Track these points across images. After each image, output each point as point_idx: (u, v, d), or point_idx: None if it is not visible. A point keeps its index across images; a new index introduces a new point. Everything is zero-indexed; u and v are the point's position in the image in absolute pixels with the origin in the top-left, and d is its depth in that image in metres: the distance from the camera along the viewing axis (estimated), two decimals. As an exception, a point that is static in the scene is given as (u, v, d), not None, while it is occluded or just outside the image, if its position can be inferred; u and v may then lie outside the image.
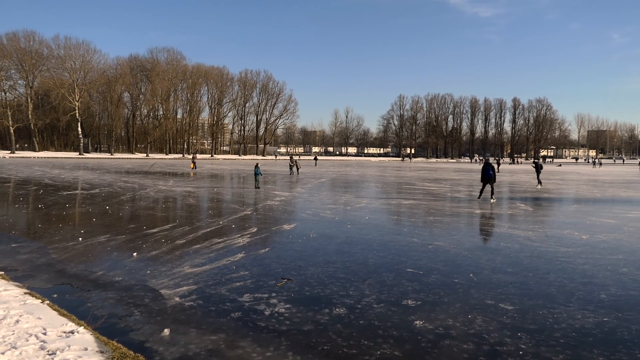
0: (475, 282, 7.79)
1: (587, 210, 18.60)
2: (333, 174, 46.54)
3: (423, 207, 18.66)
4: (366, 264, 8.91)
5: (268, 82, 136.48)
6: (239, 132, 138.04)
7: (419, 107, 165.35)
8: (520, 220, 15.59)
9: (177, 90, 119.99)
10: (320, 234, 12.11)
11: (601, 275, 8.30)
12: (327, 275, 8.06)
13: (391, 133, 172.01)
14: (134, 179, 33.48)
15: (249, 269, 8.37)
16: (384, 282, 7.72)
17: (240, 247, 10.32)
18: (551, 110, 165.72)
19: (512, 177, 46.52)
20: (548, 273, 8.38)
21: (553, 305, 6.65)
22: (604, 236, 12.21)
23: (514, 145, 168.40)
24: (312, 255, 9.66)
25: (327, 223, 14.00)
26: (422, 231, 12.90)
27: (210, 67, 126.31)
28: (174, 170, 47.70)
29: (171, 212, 16.35)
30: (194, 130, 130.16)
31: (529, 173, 56.19)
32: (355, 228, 13.11)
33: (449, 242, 11.15)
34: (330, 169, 58.10)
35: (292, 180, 34.35)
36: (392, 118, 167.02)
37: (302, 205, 18.69)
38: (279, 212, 16.36)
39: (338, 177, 40.27)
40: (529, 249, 10.45)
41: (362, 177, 40.79)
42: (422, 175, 45.06)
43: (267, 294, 7.02)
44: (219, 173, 45.12)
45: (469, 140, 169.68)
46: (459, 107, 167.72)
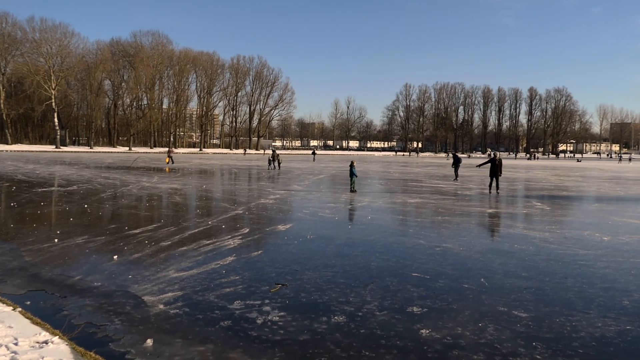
0: (486, 287, 7.80)
1: (609, 209, 18.62)
2: (333, 169, 46.55)
3: (430, 206, 18.67)
4: (368, 268, 8.91)
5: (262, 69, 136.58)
6: (230, 124, 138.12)
7: (426, 98, 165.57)
8: (536, 220, 15.60)
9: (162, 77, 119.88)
10: (318, 235, 12.11)
11: (624, 280, 8.31)
12: (326, 280, 8.06)
13: (396, 125, 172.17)
14: (115, 174, 33.44)
15: (240, 274, 8.37)
16: (388, 287, 7.73)
17: (231, 249, 10.32)
18: (571, 101, 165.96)
19: (528, 173, 46.57)
20: (566, 278, 8.39)
21: (571, 312, 6.66)
22: (627, 237, 12.23)
23: (530, 139, 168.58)
24: (309, 258, 9.66)
25: (326, 223, 14.00)
26: (429, 232, 12.91)
27: (199, 53, 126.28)
28: (159, 165, 47.68)
29: (155, 211, 16.31)
30: (181, 121, 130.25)
31: (546, 169, 56.25)
32: (357, 229, 13.12)
33: (459, 244, 11.16)
34: (330, 165, 58.12)
35: (274, 175, 34.32)
36: (398, 109, 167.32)
37: (298, 204, 18.68)
38: (274, 212, 16.36)
39: (338, 173, 40.25)
40: (545, 252, 10.46)
41: (365, 174, 40.79)
42: (430, 172, 45.08)
43: (260, 300, 7.02)
44: (208, 169, 45.08)
45: (481, 133, 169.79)
46: (471, 97, 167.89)
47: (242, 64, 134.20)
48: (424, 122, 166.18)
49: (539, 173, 46.80)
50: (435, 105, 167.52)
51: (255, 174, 37.13)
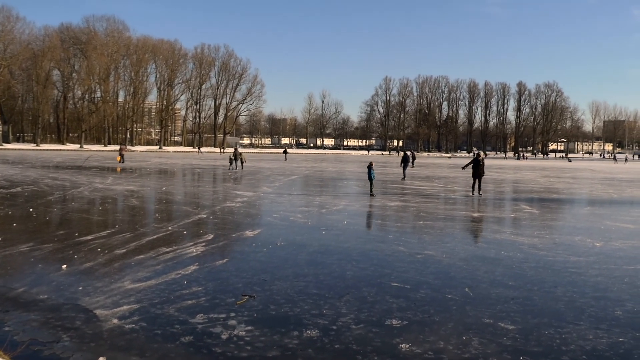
0: (471, 297, 7.89)
1: (601, 213, 19.01)
2: (306, 170, 46.57)
3: (412, 209, 18.82)
4: (343, 278, 8.94)
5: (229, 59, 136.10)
6: (194, 120, 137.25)
7: (408, 92, 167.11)
8: (524, 225, 15.84)
9: (118, 67, 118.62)
10: (290, 241, 12.10)
11: (616, 288, 8.49)
12: (297, 291, 8.06)
13: (375, 122, 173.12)
14: (65, 175, 32.95)
15: (203, 284, 8.32)
16: (364, 298, 7.76)
17: (193, 257, 10.25)
18: (562, 97, 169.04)
19: (516, 175, 47.27)
20: (556, 286, 8.54)
21: (561, 323, 6.78)
22: (620, 243, 12.50)
23: (519, 137, 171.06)
24: (279, 267, 9.64)
25: (298, 229, 14.00)
26: (409, 238, 13.00)
27: (159, 41, 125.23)
28: (114, 165, 47.11)
29: (110, 216, 16.12)
30: (139, 116, 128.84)
31: (535, 170, 57.17)
32: (331, 234, 13.15)
33: (442, 251, 11.26)
34: (303, 164, 58.12)
35: (231, 177, 34.25)
36: (377, 104, 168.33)
37: (268, 208, 18.64)
38: (241, 216, 16.30)
39: (312, 174, 40.28)
40: (534, 259, 10.63)
41: (341, 174, 40.93)
42: (411, 172, 45.40)
43: (225, 313, 6.99)
44: (169, 168, 44.72)
45: (467, 131, 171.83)
46: (455, 92, 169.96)
47: (206, 53, 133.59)
48: (405, 119, 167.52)
49: (527, 174, 47.54)
50: (418, 100, 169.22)
51: (221, 175, 36.95)
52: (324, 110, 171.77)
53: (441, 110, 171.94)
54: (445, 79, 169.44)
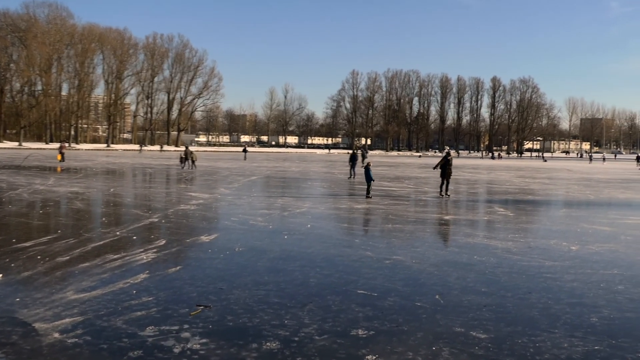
0: (442, 305, 7.98)
1: (578, 215, 19.44)
2: (267, 170, 46.47)
3: (380, 212, 18.94)
4: (306, 285, 8.95)
5: (184, 50, 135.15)
6: (145, 115, 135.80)
7: (376, 87, 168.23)
8: (498, 228, 16.10)
9: (61, 58, 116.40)
10: (249, 247, 12.07)
11: (592, 294, 8.69)
12: (257, 300, 8.04)
13: (342, 119, 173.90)
14: (1, 175, 32.23)
15: (154, 294, 8.23)
16: (329, 307, 7.78)
17: (144, 265, 10.14)
18: (538, 94, 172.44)
19: (490, 175, 47.99)
20: (530, 293, 8.69)
21: (535, 331, 6.90)
22: (597, 247, 12.80)
23: (493, 135, 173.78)
24: (237, 274, 9.61)
25: (258, 233, 13.96)
26: (377, 242, 13.08)
27: (106, 29, 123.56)
28: (56, 164, 46.26)
29: (51, 220, 15.86)
30: (84, 111, 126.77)
31: (510, 170, 58.13)
32: (294, 239, 13.15)
33: (411, 256, 11.36)
34: (264, 164, 57.98)
35: (185, 177, 34.05)
36: (343, 100, 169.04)
37: (225, 211, 18.54)
38: (196, 219, 16.20)
39: (274, 174, 40.21)
40: (507, 264, 10.80)
41: (305, 174, 40.96)
42: (380, 172, 45.71)
43: (178, 325, 6.93)
44: (118, 168, 44.12)
45: (439, 128, 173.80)
46: (427, 87, 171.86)
47: (159, 43, 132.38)
48: (373, 115, 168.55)
49: (502, 174, 48.32)
50: (387, 95, 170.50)
51: (175, 175, 36.62)
52: (287, 105, 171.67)
53: (412, 106, 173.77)
54: (416, 73, 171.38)
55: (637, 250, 12.65)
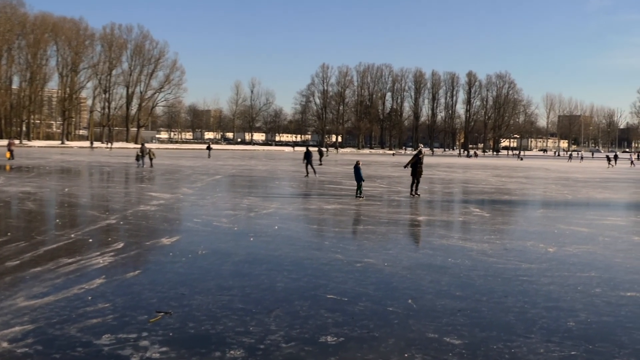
0: (414, 310, 8.02)
1: (555, 216, 19.74)
2: (232, 168, 46.30)
3: (351, 213, 19.00)
4: (273, 290, 8.93)
5: (144, 41, 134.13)
6: (102, 111, 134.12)
7: (348, 81, 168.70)
8: (473, 229, 16.26)
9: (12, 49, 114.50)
10: (213, 250, 12.01)
11: (569, 297, 8.82)
12: (220, 306, 8.00)
13: (311, 115, 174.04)
14: (-53, 174, 31.60)
15: (110, 300, 8.14)
16: (297, 313, 7.77)
17: (100, 269, 10.02)
18: (514, 89, 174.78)
19: (466, 174, 48.45)
20: (506, 296, 8.79)
21: (510, 337, 6.98)
22: (574, 248, 13.00)
23: (469, 132, 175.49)
24: (200, 279, 9.55)
25: (223, 235, 13.91)
26: (348, 245, 13.12)
27: (60, 19, 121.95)
28: (4, 162, 45.51)
29: (1, 222, 15.65)
30: (37, 106, 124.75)
31: (487, 169, 58.77)
32: (260, 241, 13.12)
33: (383, 259, 11.41)
34: (229, 162, 57.75)
35: (145, 176, 33.83)
36: (313, 95, 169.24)
37: (188, 212, 18.44)
38: (156, 221, 16.08)
39: (239, 173, 40.09)
40: (483, 266, 10.91)
41: (272, 173, 40.90)
42: (351, 171, 45.74)
43: (136, 333, 6.86)
44: (73, 167, 43.56)
45: (413, 125, 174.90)
46: (400, 82, 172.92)
47: (117, 34, 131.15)
48: (344, 111, 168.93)
49: (478, 173, 48.84)
50: (358, 91, 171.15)
51: (134, 174, 36.27)
52: (254, 100, 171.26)
53: (384, 102, 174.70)
54: (388, 67, 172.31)
55: (615, 251, 12.86)
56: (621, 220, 19.23)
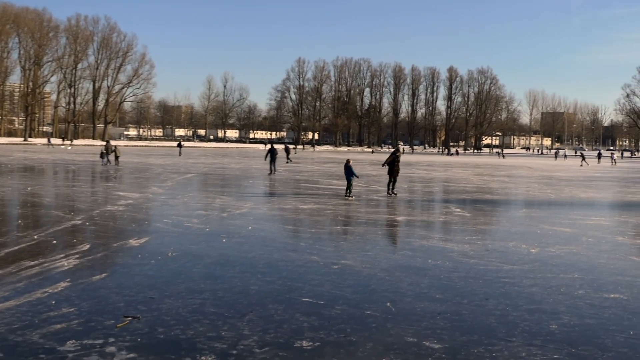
0: (393, 313, 8.06)
1: (538, 215, 19.93)
2: (204, 166, 46.11)
3: (328, 213, 19.02)
4: (246, 293, 8.92)
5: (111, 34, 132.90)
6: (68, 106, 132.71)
7: (324, 76, 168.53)
8: (454, 229, 16.36)
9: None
10: (183, 251, 11.96)
11: (552, 300, 8.92)
12: (191, 310, 7.97)
13: (287, 111, 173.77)
14: None
15: (75, 304, 8.07)
16: (271, 317, 7.77)
17: (64, 272, 9.94)
18: (497, 85, 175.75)
19: (446, 172, 48.74)
20: (487, 299, 8.86)
21: (491, 340, 7.04)
22: (557, 249, 13.14)
23: (450, 129, 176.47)
24: (169, 282, 9.51)
25: (194, 236, 13.87)
26: (325, 246, 13.13)
27: (23, 9, 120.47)
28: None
29: (-41, 223, 15.42)
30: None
31: (468, 167, 59.17)
32: (233, 243, 13.10)
33: (361, 261, 11.45)
34: (201, 160, 57.51)
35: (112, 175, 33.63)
36: (289, 90, 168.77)
37: (158, 212, 18.35)
38: (124, 222, 15.97)
39: (212, 172, 39.94)
40: (464, 268, 10.99)
41: (246, 172, 40.80)
42: (328, 170, 45.95)
43: (102, 339, 6.80)
44: (36, 165, 43.11)
45: (392, 122, 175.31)
46: (379, 77, 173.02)
47: (82, 26, 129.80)
48: (321, 108, 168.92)
49: (459, 172, 49.14)
50: (336, 86, 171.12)
51: (101, 173, 35.97)
52: (227, 96, 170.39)
53: (362, 98, 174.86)
54: (367, 62, 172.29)
55: (599, 252, 13.03)
56: (605, 220, 19.48)
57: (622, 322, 7.89)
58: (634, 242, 15.13)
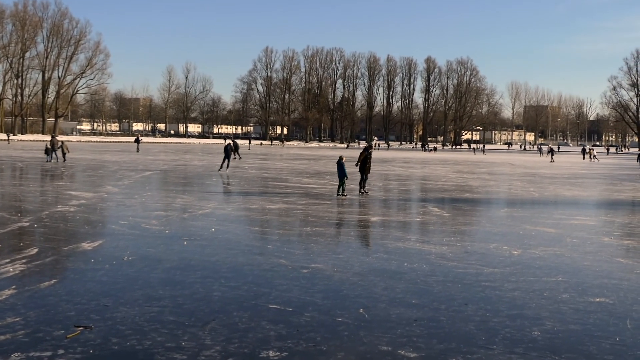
0: (366, 320, 8.07)
1: (520, 215, 20.11)
2: (164, 164, 45.85)
3: (298, 213, 19.01)
4: (209, 300, 8.88)
5: (62, 20, 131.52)
6: (14, 99, 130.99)
7: (294, 67, 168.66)
8: (432, 230, 16.47)
9: None
10: (141, 255, 11.88)
11: (535, 304, 9.00)
12: (149, 319, 7.90)
13: (254, 104, 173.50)
14: None
15: (22, 314, 7.97)
16: (235, 325, 7.74)
17: (10, 278, 9.81)
18: (477, 77, 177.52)
19: (424, 170, 49.01)
20: (466, 304, 8.92)
21: (471, 348, 7.08)
22: (540, 251, 13.27)
23: (428, 124, 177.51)
24: (125, 288, 9.44)
25: (152, 239, 13.79)
26: (294, 248, 13.13)
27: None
28: None
29: None
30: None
31: (446, 164, 59.57)
32: (195, 245, 13.04)
33: (332, 264, 11.46)
34: (161, 157, 57.17)
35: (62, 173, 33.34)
36: (255, 82, 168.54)
37: (113, 213, 18.23)
38: (76, 223, 15.83)
39: (172, 169, 39.74)
40: (441, 271, 11.05)
41: (209, 169, 40.61)
42: (298, 167, 45.92)
43: (51, 351, 6.73)
44: (-20, 162, 42.52)
45: (366, 116, 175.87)
46: (352, 68, 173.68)
47: (30, 11, 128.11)
48: (290, 100, 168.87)
49: (437, 169, 49.45)
50: (306, 77, 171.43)
51: (51, 171, 35.56)
52: (188, 88, 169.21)
53: (335, 90, 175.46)
54: (339, 51, 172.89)
55: (584, 254, 13.19)
56: (591, 219, 19.70)
57: (608, 327, 7.99)
58: (621, 242, 15.37)
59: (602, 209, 23.98)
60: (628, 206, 24.87)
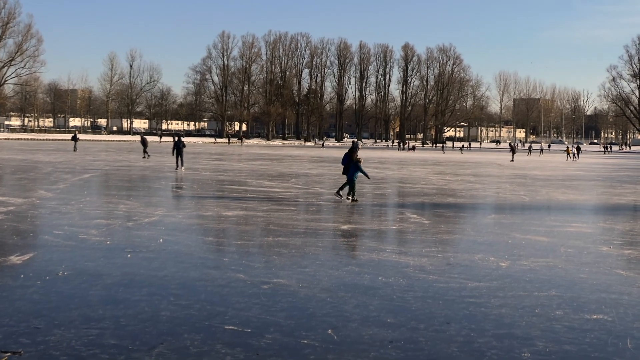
0: (335, 342, 8.07)
1: (509, 222, 20.28)
2: (106, 165, 45.54)
3: (258, 221, 18.98)
4: (156, 320, 8.82)
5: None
6: None
7: (254, 55, 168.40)
8: (410, 239, 16.51)
9: None
10: (78, 270, 11.78)
11: (525, 322, 9.06)
12: (87, 342, 7.84)
13: (208, 97, 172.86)
14: None
15: (-61, 338, 7.87)
16: (186, 349, 7.70)
17: None
18: (461, 66, 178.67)
19: (401, 171, 49.18)
20: (448, 323, 8.95)
21: (453, 373, 7.13)
22: (530, 262, 13.37)
23: (405, 119, 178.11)
24: (60, 307, 9.36)
25: (91, 251, 13.67)
26: (254, 261, 13.09)
27: None
28: None
29: None
30: None
31: (427, 165, 59.86)
32: (140, 259, 12.96)
33: (297, 279, 11.44)
34: (102, 157, 56.76)
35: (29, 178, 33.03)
36: (210, 71, 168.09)
37: (46, 221, 18.10)
38: (3, 233, 15.69)
39: (115, 171, 39.47)
40: (420, 286, 11.09)
41: (157, 171, 40.40)
42: (259, 168, 45.84)
43: (-27, 380, 6.65)
44: None
45: (336, 110, 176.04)
46: (320, 56, 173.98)
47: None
48: (250, 93, 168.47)
49: (416, 170, 49.69)
50: (268, 66, 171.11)
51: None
52: (134, 78, 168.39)
53: (300, 81, 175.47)
54: (305, 37, 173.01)
55: (579, 265, 13.32)
56: (587, 226, 19.91)
57: (605, 347, 8.06)
58: (621, 252, 15.54)
59: (600, 215, 24.27)
60: (629, 211, 25.21)
